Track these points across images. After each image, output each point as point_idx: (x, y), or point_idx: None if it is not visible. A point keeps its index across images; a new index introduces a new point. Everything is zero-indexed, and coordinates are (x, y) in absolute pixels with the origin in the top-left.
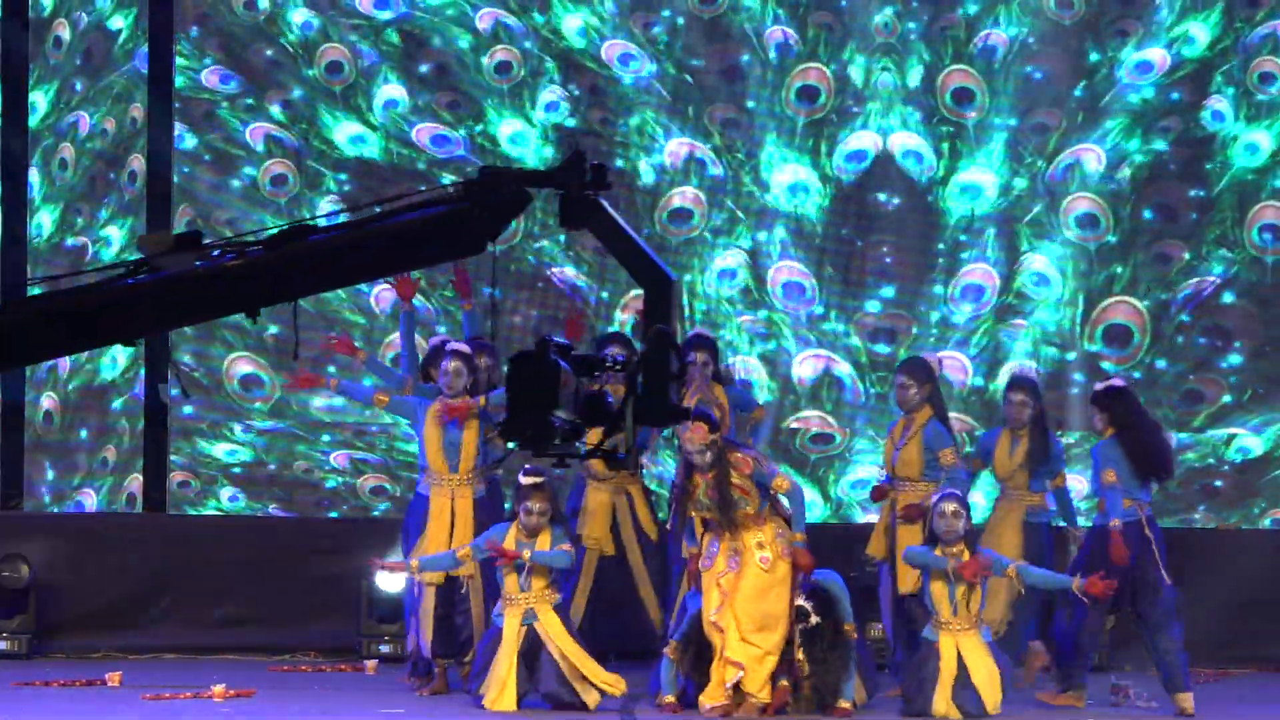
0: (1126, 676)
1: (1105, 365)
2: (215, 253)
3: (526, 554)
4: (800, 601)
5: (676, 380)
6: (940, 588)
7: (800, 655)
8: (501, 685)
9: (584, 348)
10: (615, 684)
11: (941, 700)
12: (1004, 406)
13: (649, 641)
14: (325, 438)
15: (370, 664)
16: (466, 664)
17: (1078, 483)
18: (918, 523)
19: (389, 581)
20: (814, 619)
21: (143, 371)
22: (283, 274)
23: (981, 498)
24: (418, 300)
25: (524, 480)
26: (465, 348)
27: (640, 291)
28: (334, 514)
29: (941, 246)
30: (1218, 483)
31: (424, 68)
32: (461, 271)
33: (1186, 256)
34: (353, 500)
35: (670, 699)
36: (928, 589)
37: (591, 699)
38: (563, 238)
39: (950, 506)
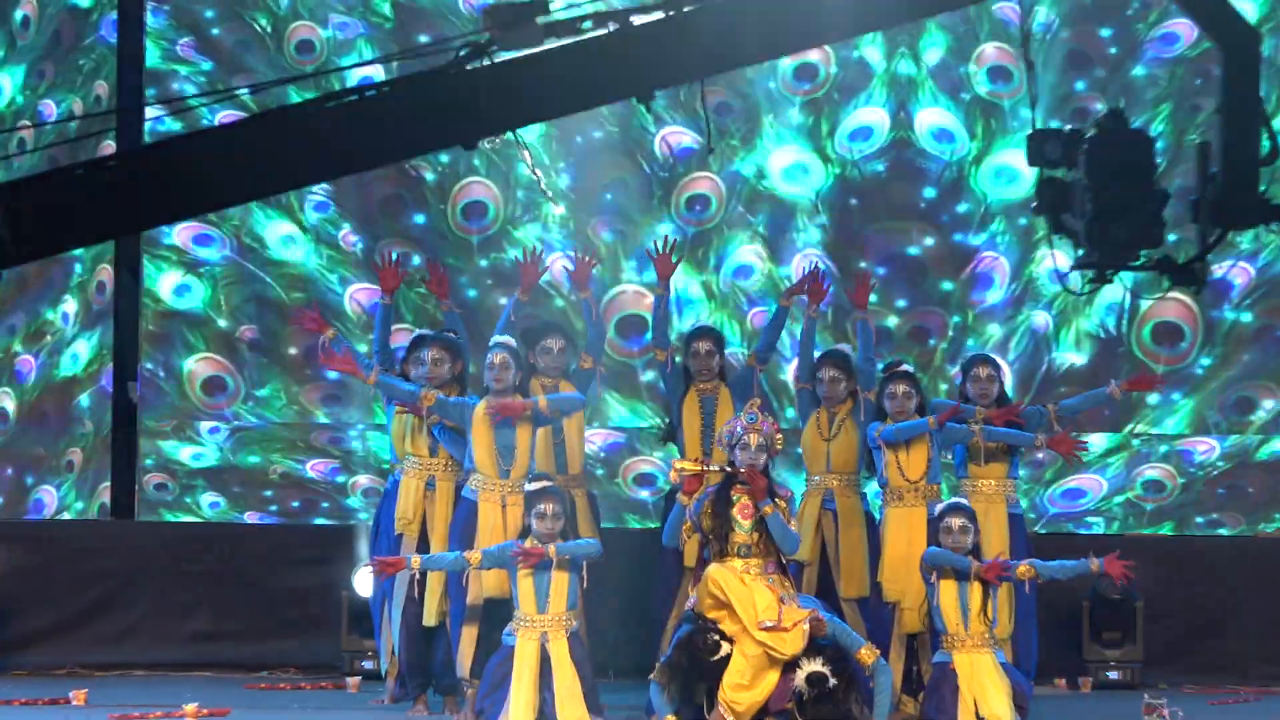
0: (1160, 695)
1: (1155, 365)
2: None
3: (552, 549)
4: (815, 668)
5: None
6: (950, 599)
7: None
8: (521, 708)
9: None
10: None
11: (966, 717)
12: (968, 385)
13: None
14: (307, 438)
15: (353, 681)
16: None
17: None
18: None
19: (365, 583)
20: (831, 682)
21: (109, 367)
22: None
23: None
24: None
25: (532, 487)
26: (510, 341)
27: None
28: (315, 520)
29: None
30: (1249, 489)
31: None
32: (434, 266)
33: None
34: (337, 504)
35: (671, 718)
36: (935, 605)
37: None
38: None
39: (957, 521)
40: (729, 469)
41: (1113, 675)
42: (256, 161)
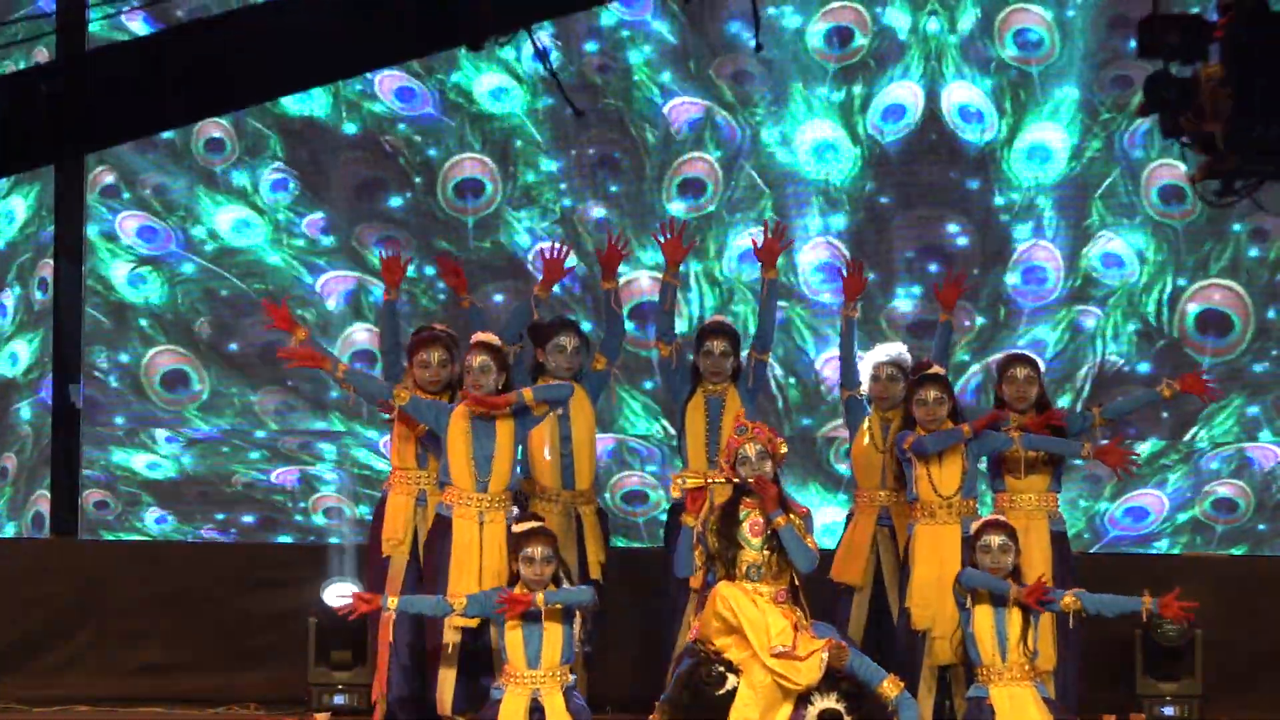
0: None
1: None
2: None
3: (540, 597)
4: (829, 704)
5: None
6: (986, 627)
7: None
8: None
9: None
10: None
11: None
12: (1004, 387)
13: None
14: (268, 448)
15: (321, 718)
16: None
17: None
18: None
19: (340, 600)
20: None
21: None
22: None
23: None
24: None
25: (518, 528)
26: (493, 339)
27: None
28: (279, 539)
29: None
30: None
31: None
32: (447, 260)
33: None
34: (302, 522)
35: None
36: (970, 633)
37: None
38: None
39: (997, 539)
40: (736, 480)
41: (1168, 711)
42: (228, 65)
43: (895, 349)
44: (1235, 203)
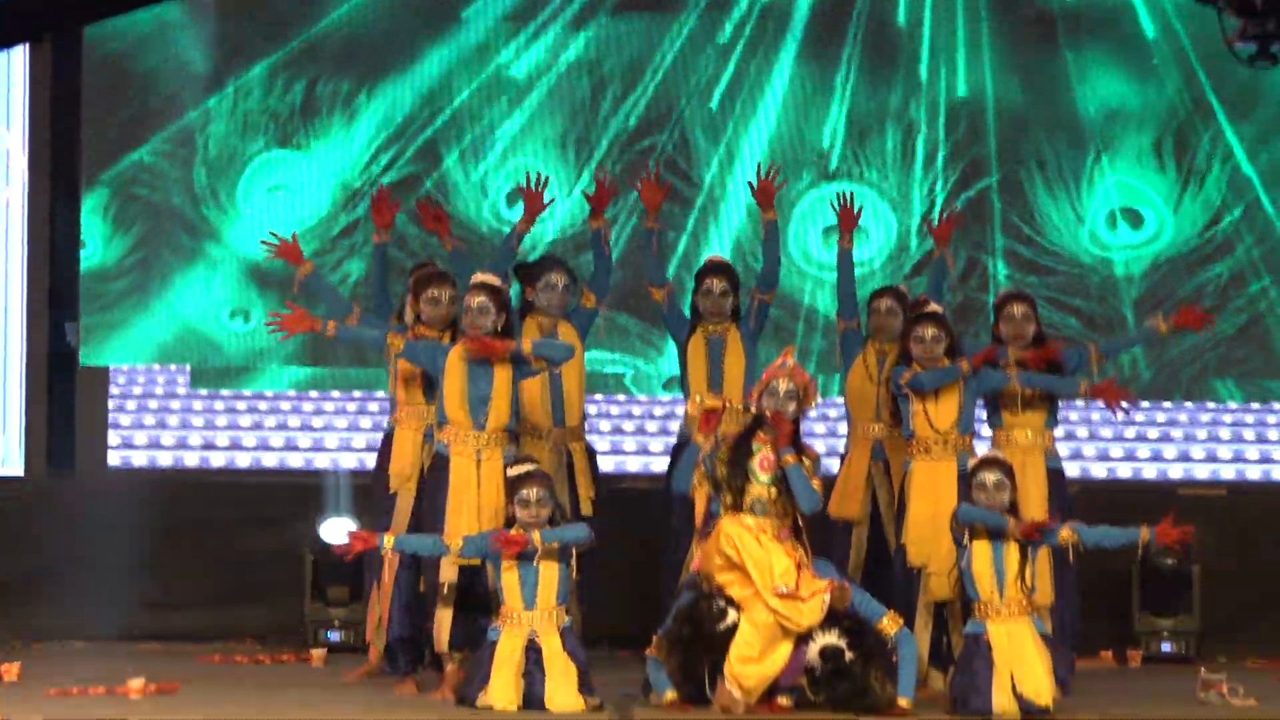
0: (1218, 669)
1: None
2: None
3: (536, 536)
4: (830, 641)
5: None
6: (984, 563)
7: (815, 697)
8: (503, 686)
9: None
10: (578, 705)
11: (1002, 694)
12: (1001, 325)
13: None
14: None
15: (317, 654)
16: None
17: None
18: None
19: (338, 534)
20: (847, 656)
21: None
22: None
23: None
24: None
25: (513, 472)
26: (493, 279)
27: None
28: (277, 470)
29: None
30: None
31: None
32: (427, 202)
33: None
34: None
35: (672, 695)
36: (967, 570)
37: (586, 704)
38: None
39: (992, 476)
40: (752, 412)
41: (1165, 648)
42: None
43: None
44: (1271, 66)
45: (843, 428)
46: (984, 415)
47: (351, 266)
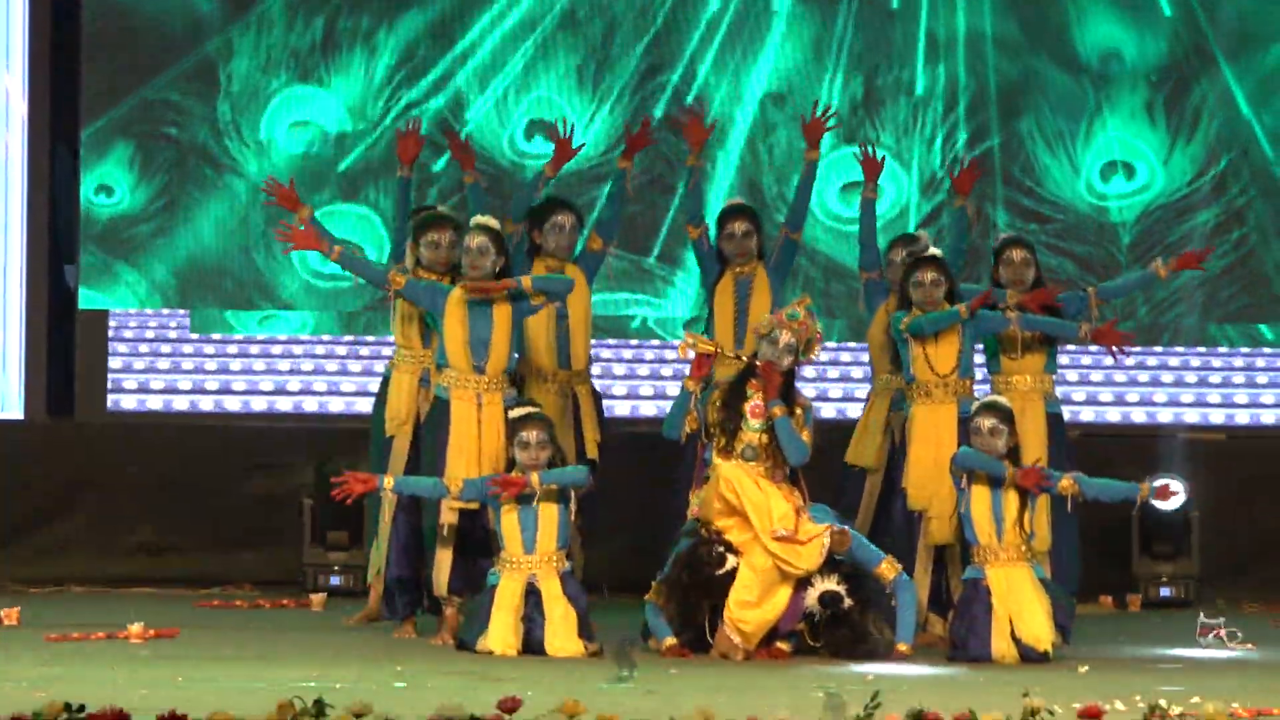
0: (1217, 614)
1: None
2: None
3: (535, 478)
4: (829, 586)
5: None
6: (983, 508)
7: (815, 642)
8: (503, 630)
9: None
10: (578, 650)
11: (1001, 639)
12: (1001, 270)
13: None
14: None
15: (316, 598)
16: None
17: None
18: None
19: None
20: (846, 602)
21: None
22: None
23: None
24: None
25: (513, 414)
26: (491, 221)
27: None
28: (277, 414)
29: None
30: None
31: None
32: (453, 134)
33: None
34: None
35: (671, 641)
36: (967, 514)
37: (586, 648)
38: None
39: (989, 421)
40: (745, 359)
41: (1165, 592)
42: None
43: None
44: None
45: (855, 373)
46: (984, 361)
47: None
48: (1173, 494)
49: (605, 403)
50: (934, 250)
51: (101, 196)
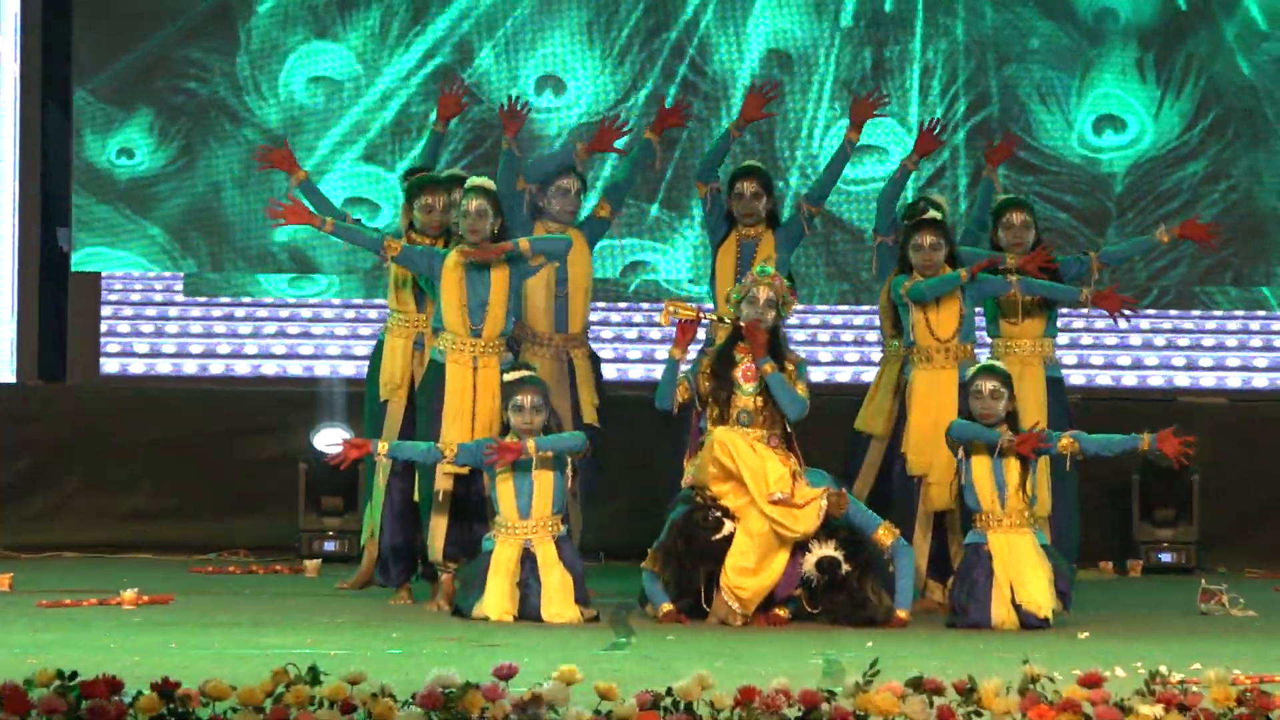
0: (1218, 580)
1: None
2: None
3: (531, 444)
4: (826, 552)
5: None
6: (984, 473)
7: (812, 608)
8: (499, 597)
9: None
10: (574, 616)
11: (1001, 606)
12: (1000, 233)
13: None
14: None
15: (311, 564)
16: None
17: None
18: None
19: (331, 444)
20: (844, 568)
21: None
22: None
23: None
24: None
25: (509, 377)
26: (488, 183)
27: None
28: (271, 378)
29: None
30: None
31: None
32: (512, 105)
33: None
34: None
35: (668, 607)
36: (967, 481)
37: (582, 615)
38: None
39: (989, 384)
40: (730, 321)
41: (1165, 558)
42: None
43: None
44: None
45: (871, 336)
46: (984, 325)
47: (388, 157)
48: (1176, 444)
49: (603, 368)
50: (934, 213)
51: (122, 159)
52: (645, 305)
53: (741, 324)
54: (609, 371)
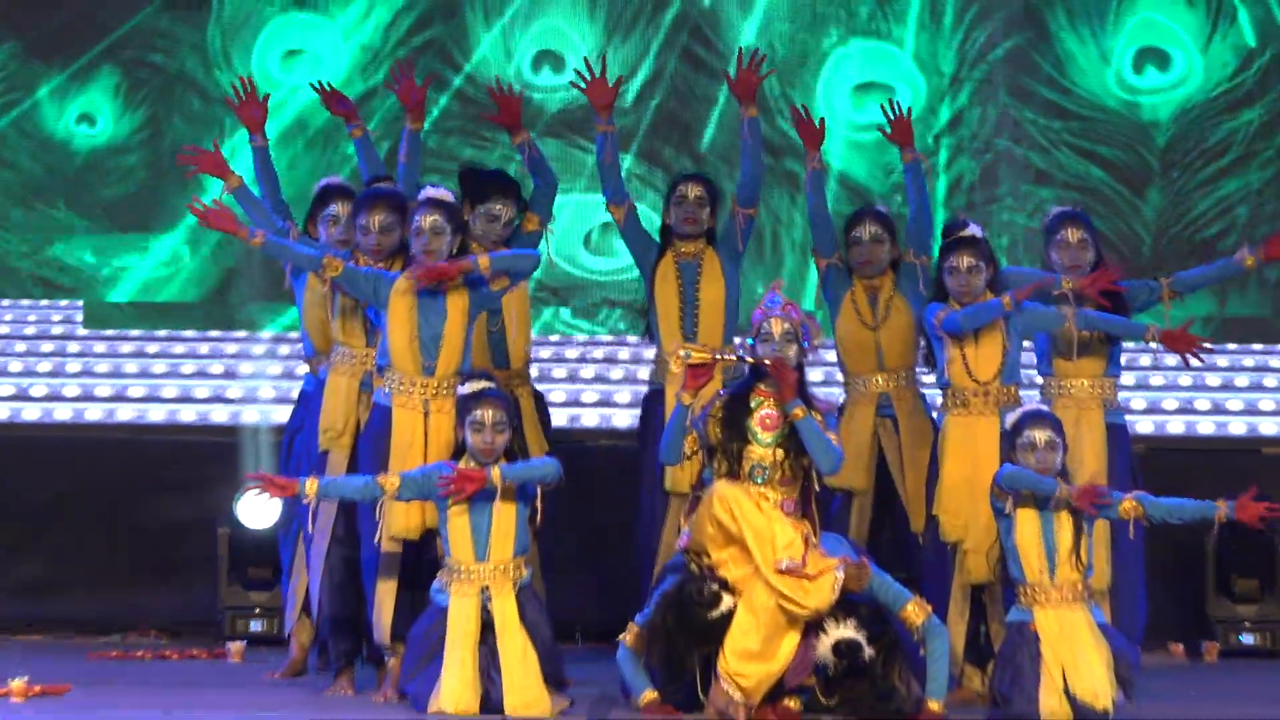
0: None
1: None
2: None
3: (495, 472)
4: (845, 633)
5: None
6: (1031, 537)
7: (828, 699)
8: (459, 685)
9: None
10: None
11: (1051, 696)
12: (1053, 253)
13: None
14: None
15: (235, 648)
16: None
17: None
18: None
19: (256, 513)
20: (866, 651)
21: None
22: None
23: None
24: None
25: (466, 389)
26: (445, 195)
27: None
28: (191, 425)
29: None
30: None
31: None
32: (506, 93)
33: None
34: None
35: (651, 695)
36: (1011, 546)
37: (552, 706)
38: None
39: (1043, 434)
40: (750, 360)
41: (1247, 639)
42: None
43: (878, 208)
44: None
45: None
46: (1033, 360)
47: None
48: (1257, 512)
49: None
50: (972, 230)
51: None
52: (605, 339)
53: (765, 361)
54: (559, 417)
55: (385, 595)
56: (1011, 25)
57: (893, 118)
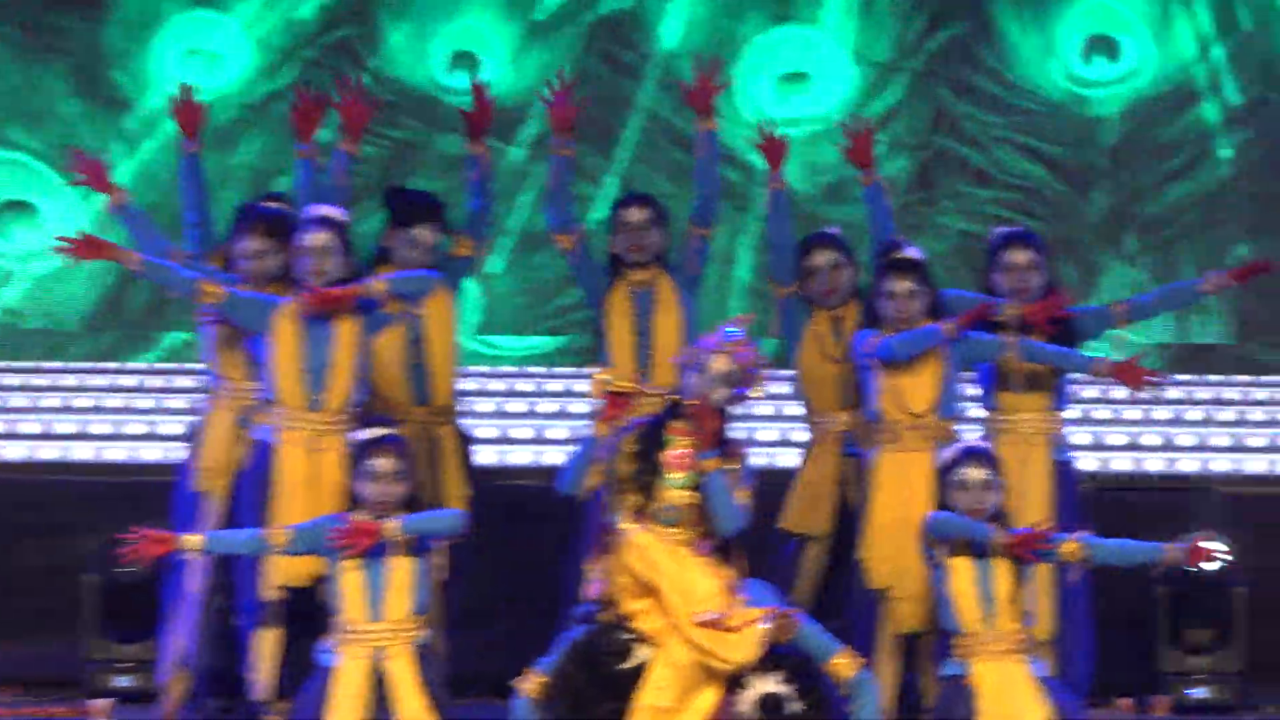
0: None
1: None
2: None
3: (393, 524)
4: (770, 687)
5: None
6: (966, 585)
7: None
8: None
9: None
10: None
11: None
12: (997, 276)
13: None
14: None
15: (101, 705)
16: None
17: None
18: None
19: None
20: (793, 706)
21: None
22: None
23: None
24: None
25: (361, 435)
26: (333, 212)
27: None
28: (53, 463)
29: None
30: None
31: None
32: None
33: None
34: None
35: None
36: (945, 594)
37: None
38: None
39: (979, 473)
40: (671, 398)
41: (1198, 693)
42: None
43: (831, 231)
44: None
45: (790, 409)
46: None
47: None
48: (1208, 555)
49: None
50: (910, 252)
51: None
52: (534, 371)
53: (685, 401)
54: (487, 456)
55: (267, 647)
56: (949, 12)
57: (854, 135)
